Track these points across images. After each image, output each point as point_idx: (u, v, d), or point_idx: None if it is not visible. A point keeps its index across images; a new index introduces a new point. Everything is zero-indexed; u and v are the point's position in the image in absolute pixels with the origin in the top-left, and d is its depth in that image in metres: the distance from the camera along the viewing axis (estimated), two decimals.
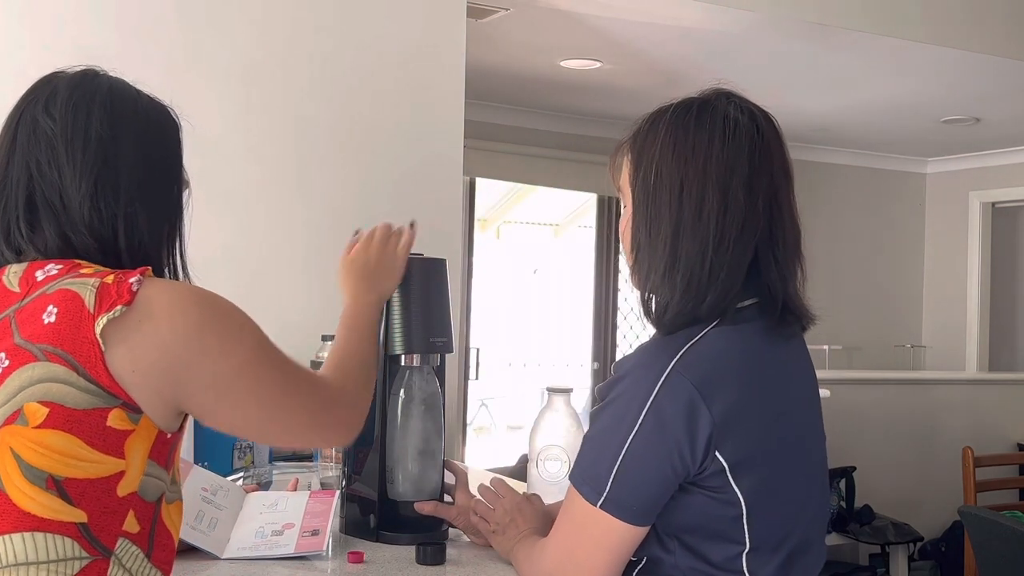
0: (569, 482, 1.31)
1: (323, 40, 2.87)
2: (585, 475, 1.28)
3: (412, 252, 1.74)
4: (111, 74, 1.28)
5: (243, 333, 1.19)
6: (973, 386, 5.86)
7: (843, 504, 4.95)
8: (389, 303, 1.68)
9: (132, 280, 1.12)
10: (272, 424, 1.23)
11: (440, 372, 1.75)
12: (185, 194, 1.31)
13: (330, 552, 1.59)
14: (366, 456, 1.71)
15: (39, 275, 1.15)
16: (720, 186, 1.28)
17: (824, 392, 4.52)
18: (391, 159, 2.95)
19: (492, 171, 6.17)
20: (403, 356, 1.69)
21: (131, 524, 1.09)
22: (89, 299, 1.10)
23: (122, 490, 1.08)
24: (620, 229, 1.41)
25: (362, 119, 2.91)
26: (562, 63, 5.05)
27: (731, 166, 1.29)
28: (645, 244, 1.32)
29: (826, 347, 6.60)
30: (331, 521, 1.65)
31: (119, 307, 1.09)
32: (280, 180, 2.79)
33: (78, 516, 1.05)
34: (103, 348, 1.08)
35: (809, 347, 1.43)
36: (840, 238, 7.22)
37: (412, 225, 1.72)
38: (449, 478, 1.74)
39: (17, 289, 1.15)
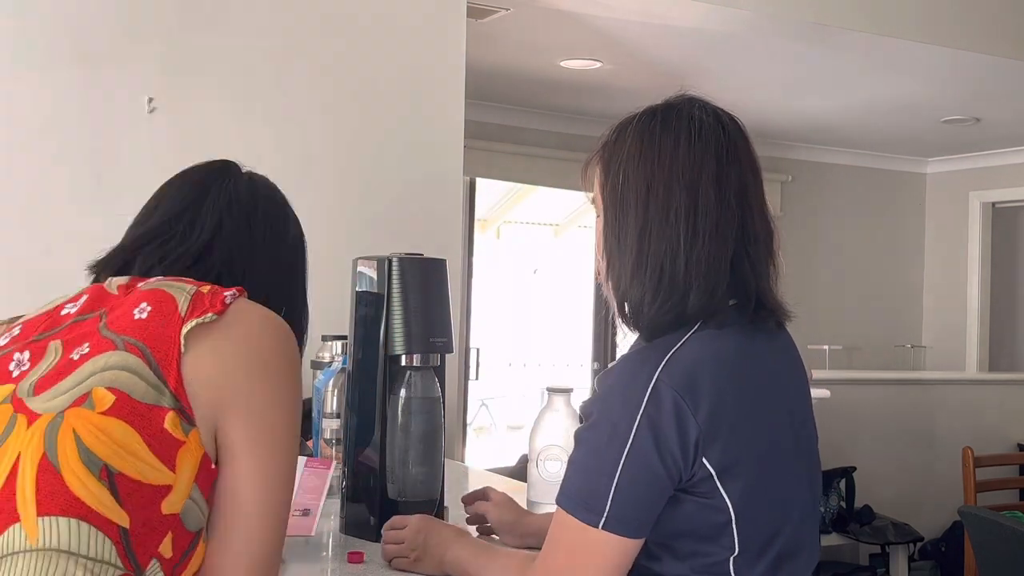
0: (558, 508, 1.26)
1: (324, 40, 2.87)
2: (579, 499, 1.24)
3: (412, 252, 1.74)
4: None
5: (296, 393, 1.20)
6: (973, 386, 5.86)
7: (843, 504, 4.94)
8: (389, 303, 1.69)
9: (227, 293, 1.18)
10: (264, 500, 1.15)
11: (440, 372, 1.75)
12: None
13: (331, 545, 1.58)
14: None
15: (141, 286, 1.21)
16: (688, 185, 1.28)
17: (824, 392, 4.55)
18: (391, 159, 2.95)
19: (492, 171, 6.16)
20: (403, 356, 1.69)
21: (166, 547, 1.08)
22: (183, 303, 1.15)
23: (167, 507, 1.08)
24: (595, 240, 1.40)
25: (362, 119, 2.91)
26: (562, 63, 5.05)
27: (698, 165, 1.29)
28: (615, 248, 1.32)
29: (826, 347, 6.59)
30: (324, 497, 1.63)
31: (210, 314, 1.14)
32: (280, 180, 2.78)
33: (122, 519, 1.04)
34: (183, 350, 1.11)
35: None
36: (840, 238, 7.22)
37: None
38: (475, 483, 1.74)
39: (115, 292, 1.21)
